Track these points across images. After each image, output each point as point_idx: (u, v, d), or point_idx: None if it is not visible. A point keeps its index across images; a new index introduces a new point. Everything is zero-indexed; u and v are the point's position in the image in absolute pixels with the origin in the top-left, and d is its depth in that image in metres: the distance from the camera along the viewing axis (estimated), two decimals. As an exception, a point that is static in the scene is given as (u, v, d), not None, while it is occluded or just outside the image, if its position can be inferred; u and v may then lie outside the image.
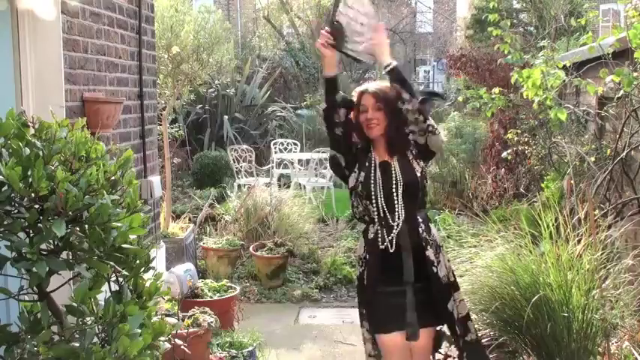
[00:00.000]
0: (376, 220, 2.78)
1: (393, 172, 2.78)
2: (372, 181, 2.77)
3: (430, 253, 2.76)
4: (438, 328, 2.92)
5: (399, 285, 2.73)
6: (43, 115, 1.95)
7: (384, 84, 2.85)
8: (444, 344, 3.05)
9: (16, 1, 2.74)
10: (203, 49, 6.10)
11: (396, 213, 2.75)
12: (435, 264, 2.76)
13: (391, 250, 2.74)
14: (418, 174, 2.81)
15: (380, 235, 2.76)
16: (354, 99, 2.86)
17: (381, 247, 2.75)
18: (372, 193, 2.76)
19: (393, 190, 2.76)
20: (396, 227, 2.74)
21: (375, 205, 2.77)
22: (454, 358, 3.13)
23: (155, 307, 1.99)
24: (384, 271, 2.77)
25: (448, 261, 2.92)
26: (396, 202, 2.76)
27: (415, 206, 2.81)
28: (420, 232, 2.78)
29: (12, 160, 1.66)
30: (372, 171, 2.79)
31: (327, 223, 7.80)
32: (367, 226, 2.85)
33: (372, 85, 2.86)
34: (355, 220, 5.16)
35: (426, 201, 2.98)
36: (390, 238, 2.75)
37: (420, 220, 2.80)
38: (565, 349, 3.19)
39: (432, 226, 2.86)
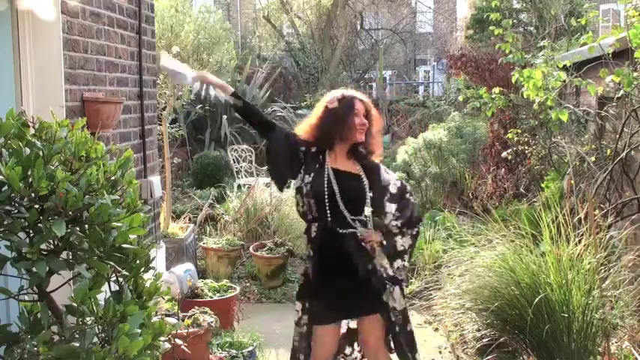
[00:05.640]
0: (320, 220, 2.94)
1: (361, 183, 2.94)
2: (326, 186, 2.90)
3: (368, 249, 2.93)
4: (345, 328, 3.15)
5: (340, 280, 2.91)
6: (43, 115, 1.95)
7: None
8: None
9: (16, 1, 2.74)
10: (203, 49, 6.10)
11: (343, 218, 2.90)
12: (372, 259, 2.94)
13: (333, 248, 2.91)
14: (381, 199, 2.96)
15: (322, 236, 2.93)
16: (337, 102, 2.99)
17: (325, 245, 2.93)
18: (323, 196, 2.90)
19: (346, 199, 2.90)
20: (340, 230, 2.91)
21: (321, 207, 2.91)
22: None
23: (155, 307, 1.99)
24: (327, 268, 2.93)
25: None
26: (344, 209, 2.90)
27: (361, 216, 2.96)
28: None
29: (12, 160, 1.66)
30: (325, 176, 2.92)
31: (327, 223, 7.77)
32: (309, 225, 3.00)
33: (361, 95, 3.05)
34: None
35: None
36: (332, 239, 2.90)
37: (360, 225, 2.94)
38: (565, 349, 3.19)
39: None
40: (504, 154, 6.21)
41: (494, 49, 6.48)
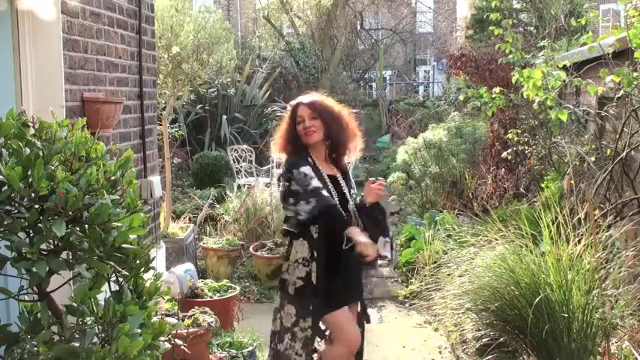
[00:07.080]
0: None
1: (344, 185, 3.12)
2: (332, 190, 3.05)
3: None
4: None
5: (343, 270, 3.03)
6: (43, 115, 1.95)
7: (318, 96, 3.15)
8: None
9: (16, 1, 2.74)
10: (203, 49, 6.09)
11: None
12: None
13: (335, 243, 2.98)
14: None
15: (325, 235, 2.99)
16: (288, 113, 3.15)
17: (328, 243, 2.99)
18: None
19: (343, 199, 3.07)
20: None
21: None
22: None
23: (155, 307, 1.99)
24: (332, 265, 3.01)
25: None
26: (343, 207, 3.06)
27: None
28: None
29: (12, 160, 1.66)
30: (324, 183, 3.04)
31: (327, 223, 7.76)
32: (308, 229, 3.01)
33: (306, 98, 3.14)
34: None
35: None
36: (333, 235, 2.98)
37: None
38: (565, 349, 3.19)
39: None
40: (504, 154, 6.21)
41: (494, 49, 6.47)
